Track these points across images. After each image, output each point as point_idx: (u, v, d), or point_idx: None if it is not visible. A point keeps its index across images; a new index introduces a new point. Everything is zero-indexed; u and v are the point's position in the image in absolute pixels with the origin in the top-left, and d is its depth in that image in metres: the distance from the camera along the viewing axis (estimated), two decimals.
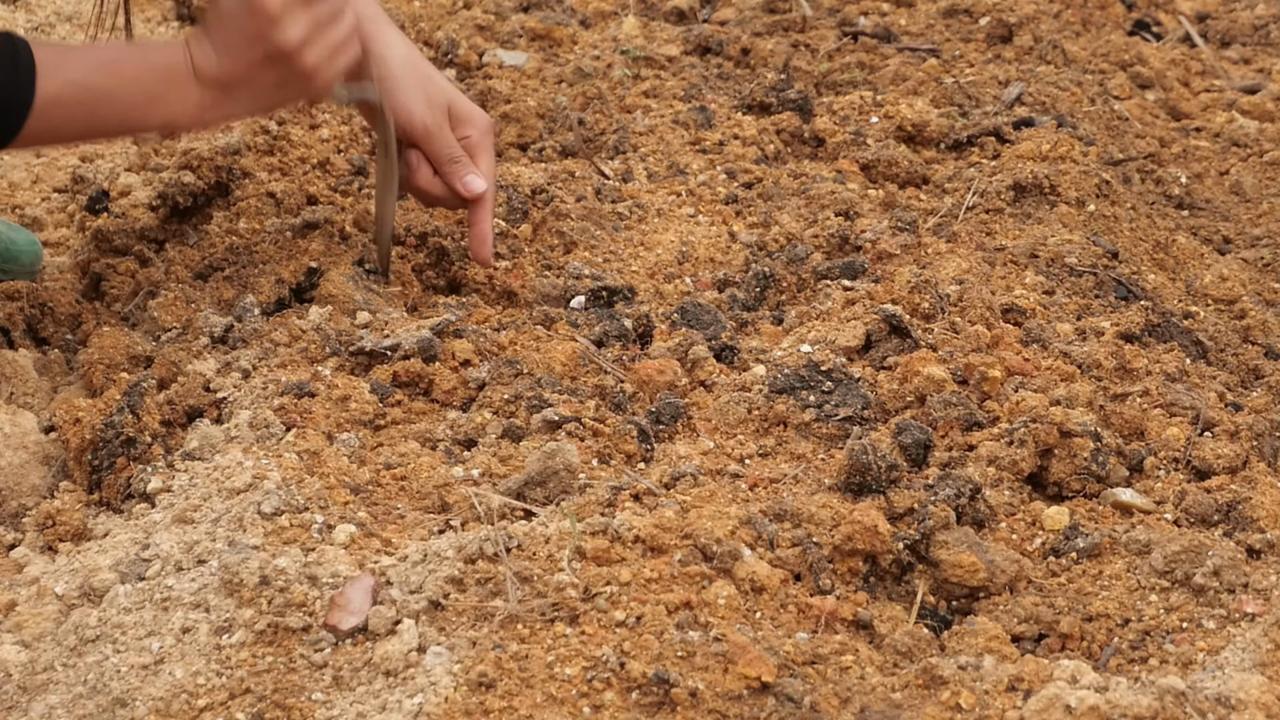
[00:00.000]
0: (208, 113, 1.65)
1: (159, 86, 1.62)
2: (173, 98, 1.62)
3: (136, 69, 1.63)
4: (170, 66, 1.63)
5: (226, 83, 1.63)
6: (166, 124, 1.68)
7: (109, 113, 1.62)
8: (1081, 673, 1.26)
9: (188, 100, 1.63)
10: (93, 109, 1.60)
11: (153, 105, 1.62)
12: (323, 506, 1.46)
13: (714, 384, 1.73)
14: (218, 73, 1.62)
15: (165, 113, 1.64)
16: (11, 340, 1.86)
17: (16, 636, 1.35)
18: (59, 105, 1.57)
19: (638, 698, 1.22)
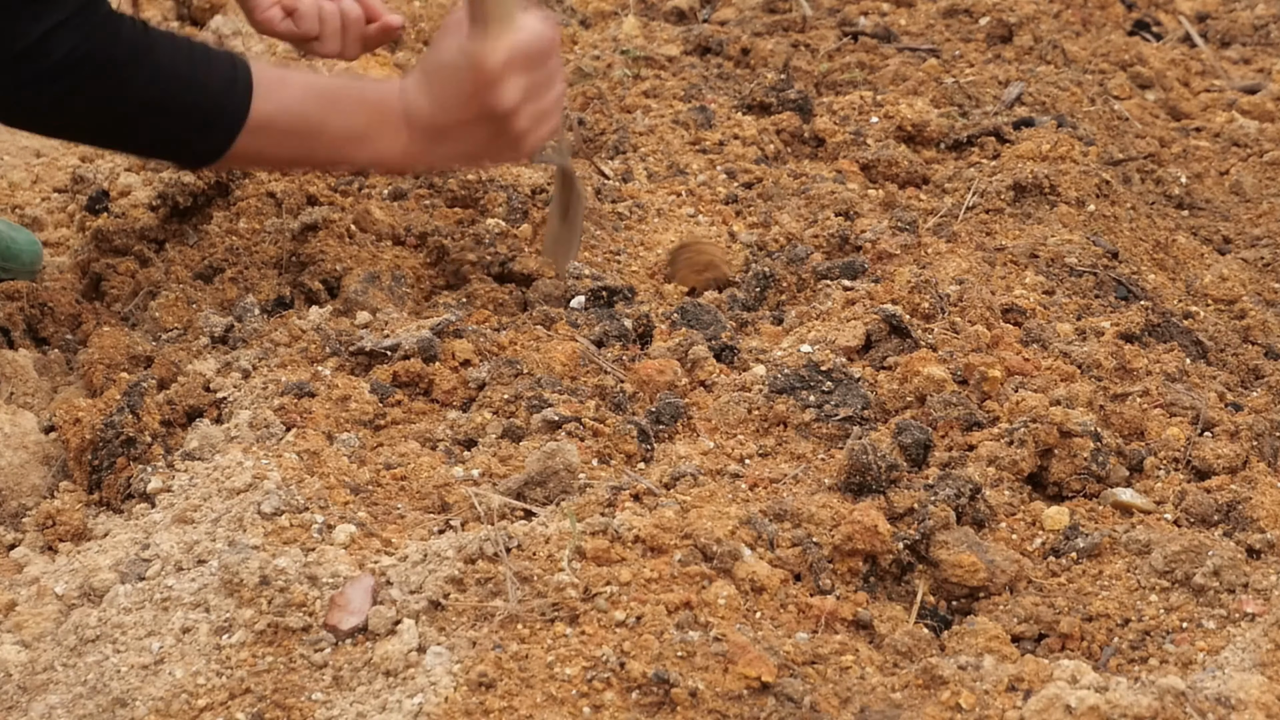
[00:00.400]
0: (414, 159, 1.66)
1: (371, 125, 1.63)
2: (383, 138, 1.63)
3: (352, 104, 1.64)
4: (386, 107, 1.63)
5: (437, 133, 1.62)
6: (373, 163, 1.68)
7: (319, 143, 1.63)
8: (1081, 673, 1.26)
9: (396, 143, 1.63)
10: (304, 137, 1.61)
11: (362, 142, 1.63)
12: (323, 506, 1.46)
13: (714, 384, 1.73)
14: (429, 121, 1.62)
15: (373, 151, 1.64)
16: (11, 340, 1.86)
17: (17, 636, 1.35)
18: (271, 128, 1.59)
19: (638, 698, 1.22)
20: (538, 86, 1.60)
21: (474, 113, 1.59)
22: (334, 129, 1.62)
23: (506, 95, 1.57)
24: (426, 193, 2.19)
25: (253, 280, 1.91)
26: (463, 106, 1.59)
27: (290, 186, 2.13)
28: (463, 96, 1.59)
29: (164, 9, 3.02)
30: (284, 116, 1.59)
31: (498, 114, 1.59)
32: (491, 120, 1.60)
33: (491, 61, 1.56)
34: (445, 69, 1.60)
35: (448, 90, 1.60)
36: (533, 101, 1.60)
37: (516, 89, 1.58)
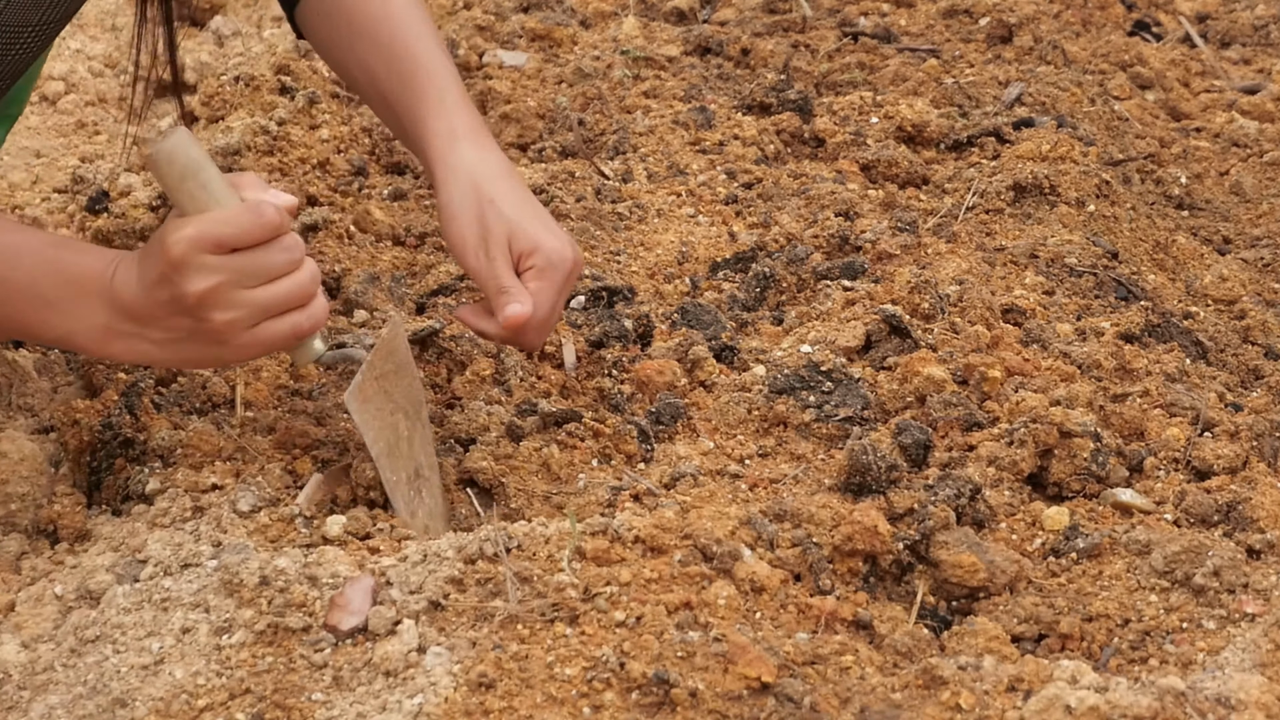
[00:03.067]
0: (113, 342, 1.45)
1: (61, 292, 1.44)
2: (74, 311, 1.44)
3: (39, 263, 1.45)
4: (82, 275, 1.44)
5: (138, 316, 1.43)
6: (63, 339, 1.47)
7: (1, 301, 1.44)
8: (1081, 673, 1.26)
9: (93, 319, 1.44)
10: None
11: (48, 311, 1.44)
12: (321, 503, 1.46)
13: (714, 384, 1.73)
14: (132, 301, 1.43)
15: (62, 325, 1.45)
16: (20, 341, 1.86)
17: (16, 637, 1.35)
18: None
19: (638, 698, 1.22)
20: (241, 275, 1.39)
21: (165, 297, 1.40)
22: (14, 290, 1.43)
23: (190, 281, 1.37)
24: (426, 193, 2.19)
25: None
26: (156, 288, 1.40)
27: (290, 187, 2.13)
28: (155, 277, 1.40)
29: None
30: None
31: (185, 302, 1.39)
32: (182, 309, 1.40)
33: (170, 240, 1.38)
34: (149, 247, 1.44)
35: (146, 269, 1.42)
36: (237, 294, 1.39)
37: (204, 275, 1.37)
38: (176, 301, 1.39)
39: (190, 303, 1.38)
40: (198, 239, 1.37)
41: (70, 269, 1.44)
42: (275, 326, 1.42)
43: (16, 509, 1.54)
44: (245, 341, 1.42)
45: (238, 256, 1.38)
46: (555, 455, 1.59)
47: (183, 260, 1.37)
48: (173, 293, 1.39)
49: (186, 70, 2.79)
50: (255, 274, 1.39)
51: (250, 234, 1.38)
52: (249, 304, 1.40)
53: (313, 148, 2.28)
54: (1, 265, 1.43)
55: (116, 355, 1.48)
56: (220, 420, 1.60)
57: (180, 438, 1.53)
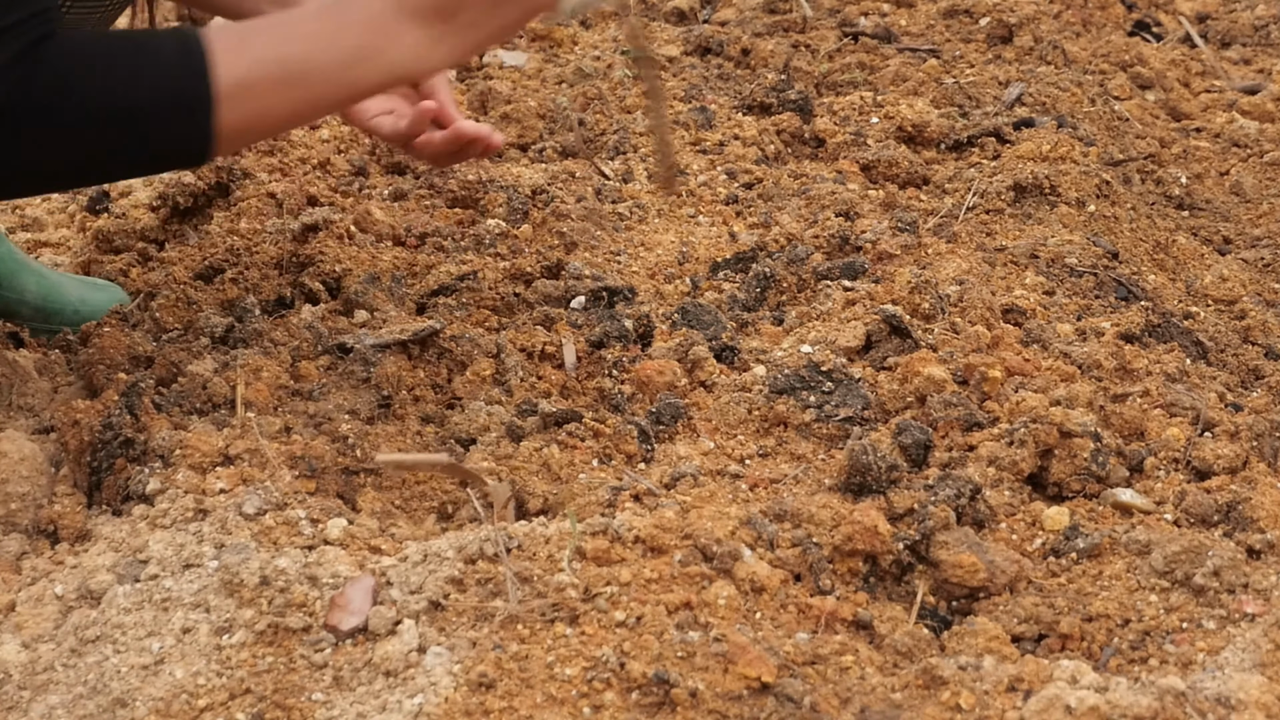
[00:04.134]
0: (430, 53, 1.48)
1: (365, 39, 1.46)
2: (385, 47, 1.46)
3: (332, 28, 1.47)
4: (371, 14, 1.47)
5: (440, 10, 1.46)
6: (389, 77, 1.49)
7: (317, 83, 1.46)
8: (1081, 673, 1.26)
9: (403, 45, 1.46)
10: (295, 83, 1.45)
11: (365, 62, 1.46)
12: (323, 506, 1.46)
13: (714, 384, 1.73)
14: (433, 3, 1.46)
15: (382, 65, 1.47)
16: (22, 341, 1.86)
17: (17, 637, 1.35)
18: (252, 90, 1.43)
19: (638, 698, 1.22)
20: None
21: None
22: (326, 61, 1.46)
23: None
24: (427, 193, 2.19)
25: (253, 281, 1.91)
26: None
27: (290, 187, 2.13)
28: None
29: (164, 9, 3.02)
30: (261, 71, 1.44)
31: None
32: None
33: None
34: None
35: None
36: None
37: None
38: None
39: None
40: None
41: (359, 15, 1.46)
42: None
43: (16, 509, 1.54)
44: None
45: None
46: (555, 455, 1.59)
47: None
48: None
49: None
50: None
51: None
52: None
53: (313, 148, 2.28)
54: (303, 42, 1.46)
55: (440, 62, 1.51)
56: (221, 420, 1.60)
57: (181, 438, 1.53)
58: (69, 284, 1.93)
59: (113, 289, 1.94)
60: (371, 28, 1.46)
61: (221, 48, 1.42)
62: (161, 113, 1.41)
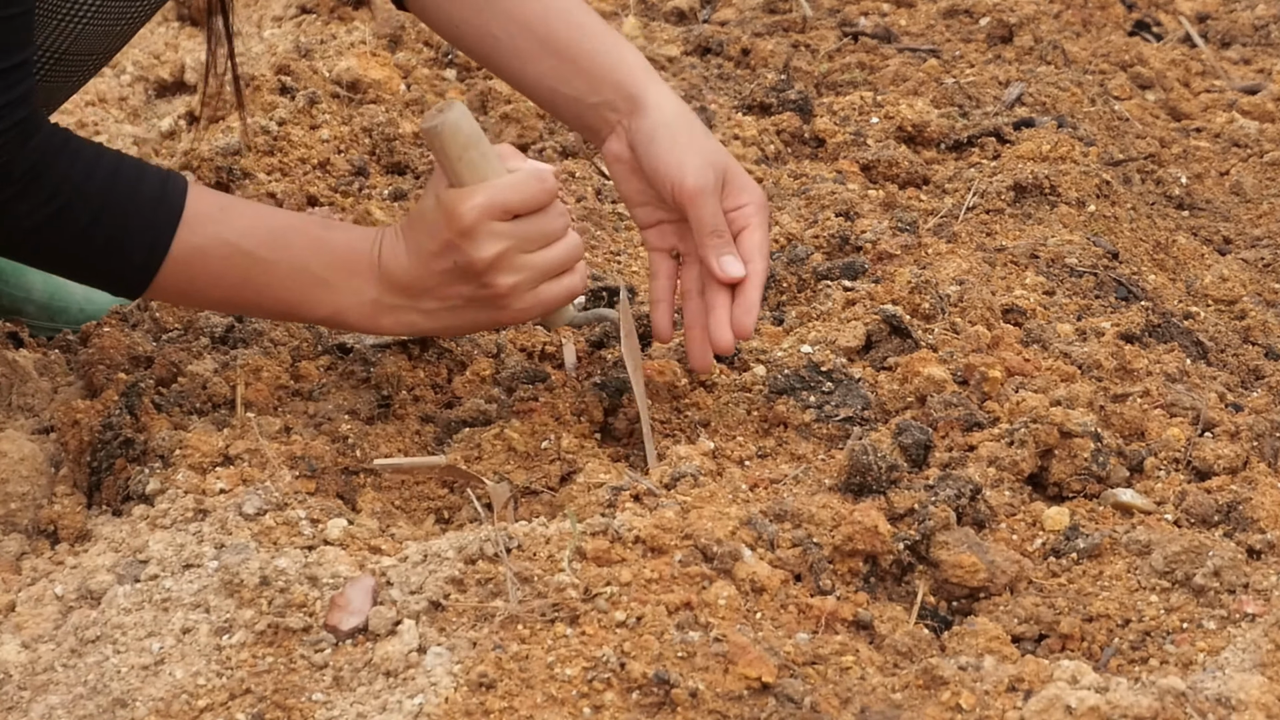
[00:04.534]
0: (383, 316, 1.49)
1: (332, 270, 1.47)
2: (345, 288, 1.47)
3: (309, 243, 1.48)
4: (351, 252, 1.48)
5: (410, 288, 1.47)
6: (335, 316, 1.50)
7: (264, 285, 1.46)
8: (1082, 673, 1.26)
9: (362, 295, 1.47)
10: (245, 276, 1.46)
11: (319, 290, 1.47)
12: (323, 506, 1.46)
13: (714, 384, 1.73)
14: (403, 276, 1.46)
15: (333, 303, 1.48)
16: (21, 341, 1.86)
17: (17, 637, 1.35)
18: (203, 263, 1.44)
19: (638, 698, 1.22)
20: (525, 240, 1.45)
21: (448, 266, 1.45)
22: (284, 271, 1.46)
23: (481, 247, 1.43)
24: None
25: None
26: (437, 258, 1.45)
27: (290, 187, 2.13)
28: (436, 247, 1.45)
29: (164, 9, 3.02)
30: (218, 250, 1.44)
31: (473, 269, 1.44)
32: (467, 276, 1.45)
33: (463, 208, 1.42)
34: (422, 219, 1.47)
35: (422, 240, 1.46)
36: (520, 259, 1.45)
37: (493, 241, 1.43)
38: (462, 270, 1.44)
39: (479, 269, 1.44)
40: (488, 206, 1.42)
41: (338, 248, 1.48)
42: (553, 288, 1.49)
43: (16, 509, 1.54)
44: (526, 304, 1.48)
45: (522, 222, 1.45)
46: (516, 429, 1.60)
47: (473, 228, 1.42)
48: (458, 261, 1.44)
49: (186, 70, 2.79)
50: (537, 238, 1.46)
51: (536, 199, 1.45)
52: (532, 267, 1.46)
53: (313, 148, 2.28)
54: (274, 247, 1.46)
55: (385, 329, 1.52)
56: (221, 420, 1.60)
57: (181, 438, 1.53)
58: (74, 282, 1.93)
59: None
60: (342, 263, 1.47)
61: (195, 212, 1.44)
62: (121, 245, 1.43)
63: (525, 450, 1.58)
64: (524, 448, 1.59)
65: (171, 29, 2.97)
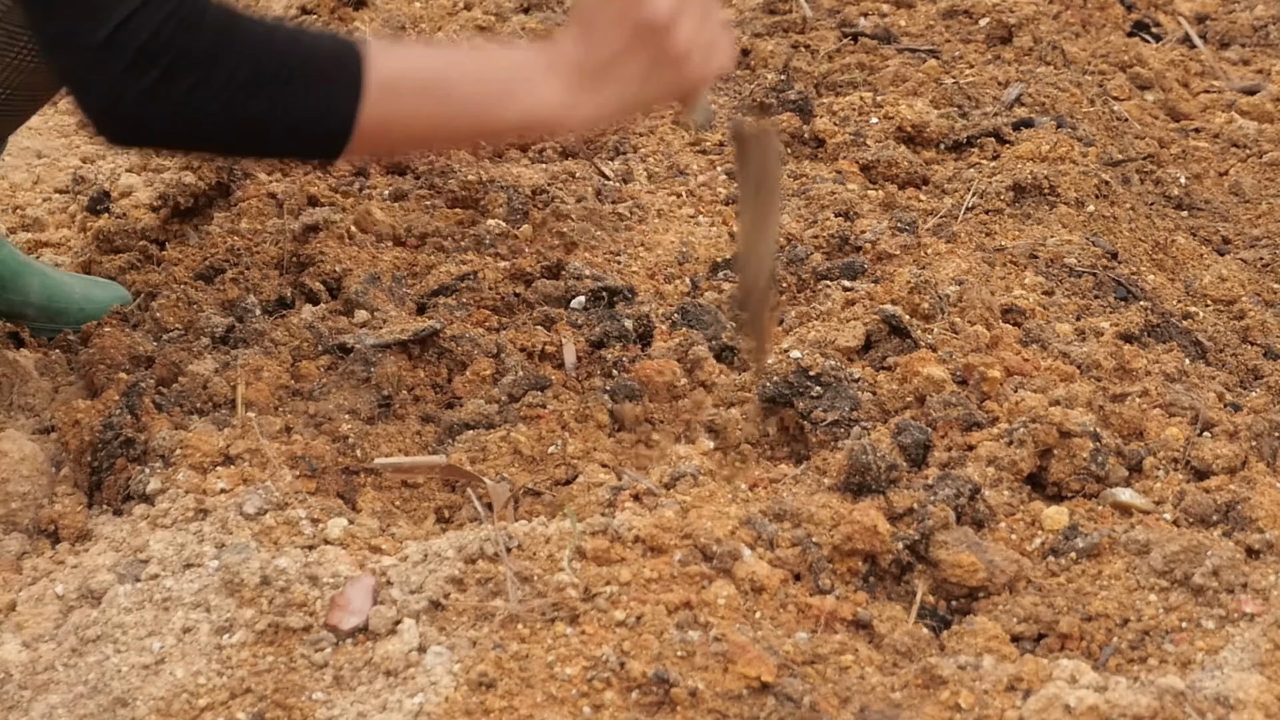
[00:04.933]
0: (572, 108, 1.49)
1: (513, 78, 1.48)
2: (530, 90, 1.48)
3: (485, 62, 1.50)
4: (526, 59, 1.49)
5: (592, 70, 1.48)
6: (525, 120, 1.50)
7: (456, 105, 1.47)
8: (1081, 672, 1.26)
9: (548, 93, 1.48)
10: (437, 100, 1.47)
11: (507, 100, 1.48)
12: (324, 506, 1.47)
13: (714, 384, 1.73)
14: (583, 60, 1.48)
15: (522, 107, 1.48)
16: (22, 341, 1.86)
17: (18, 636, 1.35)
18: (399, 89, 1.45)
19: (638, 697, 1.22)
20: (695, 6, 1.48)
21: (628, 34, 1.46)
22: (470, 87, 1.47)
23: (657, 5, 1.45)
24: (427, 193, 2.19)
25: (254, 281, 1.91)
26: (615, 29, 1.47)
27: (291, 187, 2.13)
28: (612, 17, 1.46)
29: None
30: (410, 74, 1.46)
31: (654, 26, 1.45)
32: (648, 38, 1.46)
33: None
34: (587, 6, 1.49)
35: (597, 18, 1.48)
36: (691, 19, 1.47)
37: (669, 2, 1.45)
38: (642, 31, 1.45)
39: (658, 24, 1.44)
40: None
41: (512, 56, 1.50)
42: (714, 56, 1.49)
43: (17, 508, 1.55)
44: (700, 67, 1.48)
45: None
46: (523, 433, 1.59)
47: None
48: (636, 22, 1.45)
49: None
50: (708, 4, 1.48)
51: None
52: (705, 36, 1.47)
53: None
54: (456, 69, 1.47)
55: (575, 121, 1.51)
56: (222, 420, 1.60)
57: (181, 438, 1.53)
58: (73, 283, 1.93)
59: (116, 287, 1.94)
60: (518, 72, 1.48)
61: (377, 48, 1.44)
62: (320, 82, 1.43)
63: (531, 454, 1.59)
64: (530, 451, 1.59)
65: None
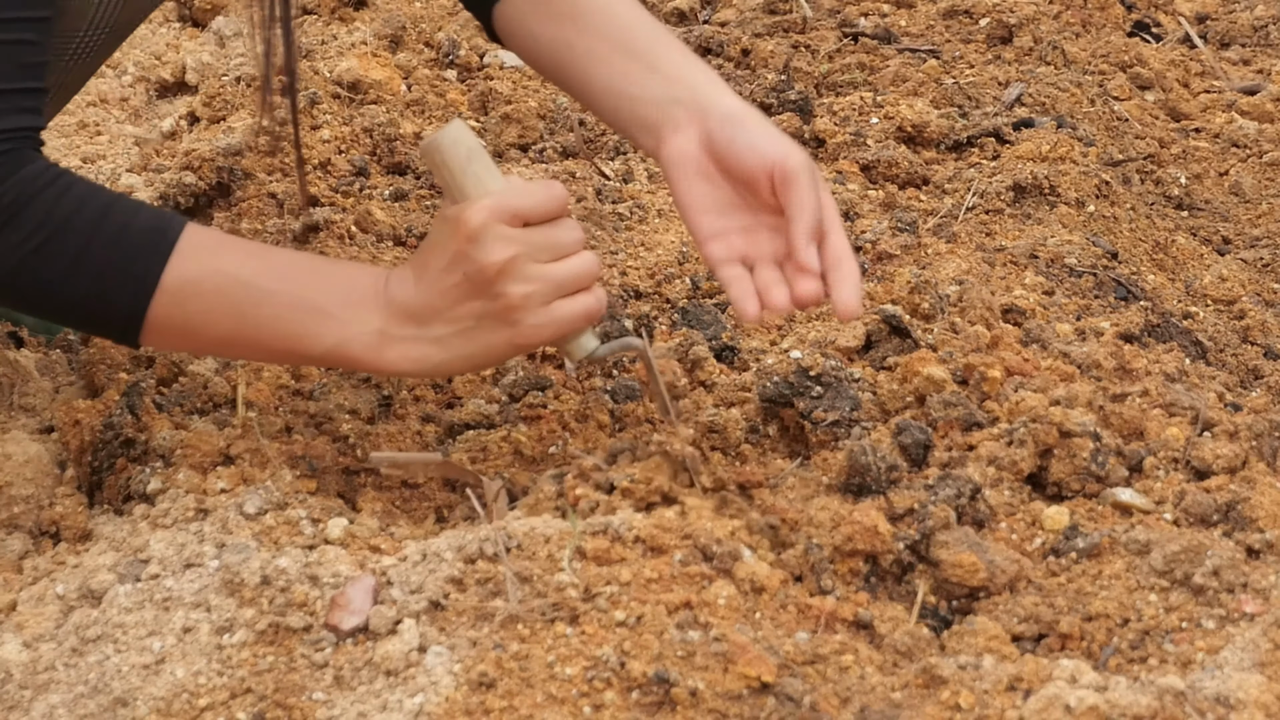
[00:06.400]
0: (390, 348, 1.40)
1: (333, 300, 1.40)
2: (348, 318, 1.39)
3: (311, 274, 1.41)
4: (354, 283, 1.41)
5: (418, 313, 1.39)
6: (335, 350, 1.41)
7: (262, 318, 1.39)
8: (1081, 672, 1.26)
9: (367, 325, 1.39)
10: (241, 308, 1.38)
11: (320, 321, 1.39)
12: (324, 506, 1.47)
13: (714, 384, 1.73)
14: (411, 299, 1.39)
15: (335, 334, 1.39)
16: (22, 341, 1.86)
17: (18, 636, 1.35)
18: (197, 294, 1.37)
19: (638, 698, 1.22)
20: (535, 249, 1.38)
21: (457, 280, 1.38)
22: (282, 302, 1.39)
23: (490, 251, 1.36)
24: (427, 193, 2.19)
25: None
26: (445, 273, 1.38)
27: (291, 187, 2.14)
28: (444, 261, 1.38)
29: (165, 10, 3.02)
30: (213, 280, 1.37)
31: (482, 276, 1.37)
32: (477, 288, 1.37)
33: (470, 212, 1.36)
34: (429, 243, 1.42)
35: (430, 259, 1.40)
36: (528, 266, 1.37)
37: (502, 245, 1.36)
38: (471, 280, 1.37)
39: (489, 275, 1.36)
40: (496, 209, 1.36)
41: (340, 278, 1.42)
42: (568, 306, 1.40)
43: (20, 511, 1.54)
44: (539, 321, 1.39)
45: (532, 230, 1.38)
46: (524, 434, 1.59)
47: (481, 230, 1.35)
48: (467, 270, 1.36)
49: (187, 71, 2.80)
50: (548, 248, 1.38)
51: (544, 206, 1.38)
52: (544, 278, 1.38)
53: (314, 148, 2.28)
54: (272, 277, 1.40)
55: (391, 363, 1.42)
56: (222, 420, 1.60)
57: (182, 438, 1.53)
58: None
59: None
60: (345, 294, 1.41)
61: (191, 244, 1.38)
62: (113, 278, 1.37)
63: (532, 454, 1.59)
64: (530, 452, 1.59)
65: (173, 29, 2.97)
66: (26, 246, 1.36)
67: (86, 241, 1.37)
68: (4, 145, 1.35)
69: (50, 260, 1.37)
